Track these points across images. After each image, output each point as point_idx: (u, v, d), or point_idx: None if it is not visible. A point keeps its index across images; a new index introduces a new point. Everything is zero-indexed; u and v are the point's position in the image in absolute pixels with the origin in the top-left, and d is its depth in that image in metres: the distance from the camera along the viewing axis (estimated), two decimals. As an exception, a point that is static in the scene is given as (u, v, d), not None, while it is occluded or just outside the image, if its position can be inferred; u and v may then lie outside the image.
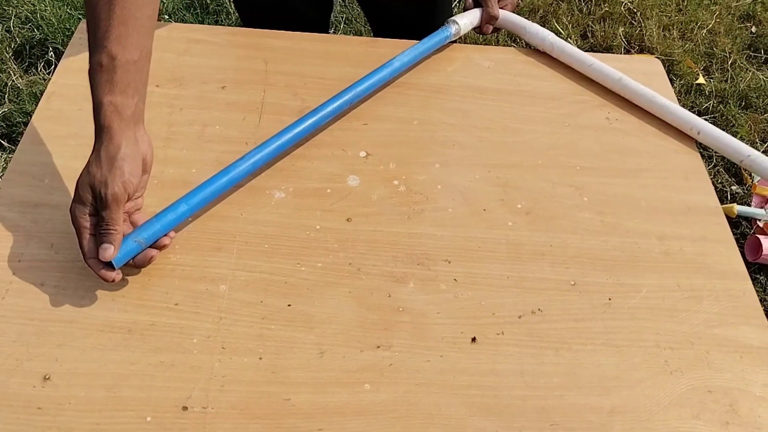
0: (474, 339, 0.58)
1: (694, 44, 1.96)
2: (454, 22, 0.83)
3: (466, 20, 0.84)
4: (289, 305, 0.59)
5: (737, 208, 1.49)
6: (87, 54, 0.57)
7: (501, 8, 0.86)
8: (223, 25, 1.85)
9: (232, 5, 1.90)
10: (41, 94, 1.58)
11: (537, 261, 0.64)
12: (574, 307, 0.61)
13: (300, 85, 0.77)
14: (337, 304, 0.59)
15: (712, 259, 0.66)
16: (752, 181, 1.64)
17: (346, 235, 0.64)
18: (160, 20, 1.82)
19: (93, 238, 0.56)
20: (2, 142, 1.51)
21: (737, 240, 1.46)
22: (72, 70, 0.76)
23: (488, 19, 0.85)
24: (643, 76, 0.85)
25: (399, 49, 0.79)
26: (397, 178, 0.70)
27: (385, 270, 0.62)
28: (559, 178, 0.72)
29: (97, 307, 0.57)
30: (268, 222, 0.64)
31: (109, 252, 0.54)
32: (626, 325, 0.60)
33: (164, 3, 1.87)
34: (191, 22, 1.85)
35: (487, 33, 0.87)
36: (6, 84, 1.60)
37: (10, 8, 1.80)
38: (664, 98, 0.78)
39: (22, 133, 1.52)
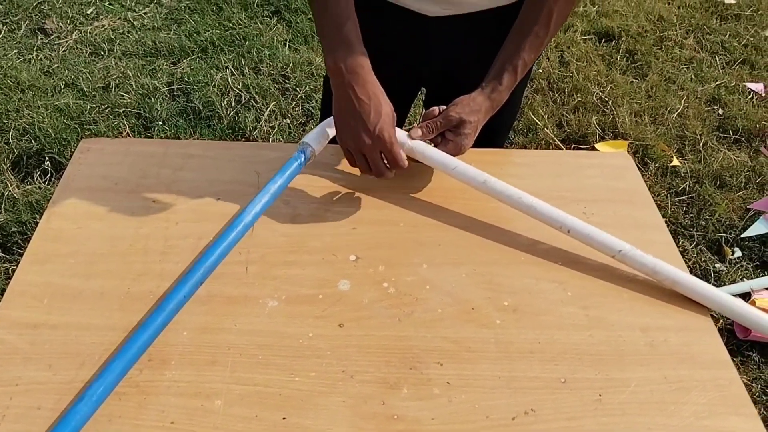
0: None
1: (666, 128, 2.06)
2: (308, 144, 0.78)
3: (320, 143, 0.79)
4: (283, 418, 0.59)
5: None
6: (86, 174, 0.58)
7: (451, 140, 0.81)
8: (215, 128, 1.93)
9: (223, 109, 1.98)
10: (37, 204, 1.63)
11: (527, 359, 0.66)
12: (565, 405, 0.62)
13: (291, 194, 0.81)
14: (331, 415, 0.60)
15: (696, 349, 0.68)
16: (732, 254, 1.68)
17: (338, 341, 0.66)
18: (156, 132, 1.89)
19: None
20: (-3, 251, 1.53)
21: (725, 318, 1.47)
22: (72, 189, 0.79)
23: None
24: (615, 170, 0.90)
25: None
26: (386, 281, 0.72)
27: (378, 376, 0.63)
28: (541, 274, 0.74)
29: (93, 429, 0.57)
30: (262, 332, 0.66)
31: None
32: (618, 421, 0.61)
33: (158, 110, 1.96)
34: (184, 128, 1.93)
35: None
36: (2, 195, 1.65)
37: (9, 121, 1.88)
38: (531, 197, 0.77)
39: (17, 243, 1.55)
